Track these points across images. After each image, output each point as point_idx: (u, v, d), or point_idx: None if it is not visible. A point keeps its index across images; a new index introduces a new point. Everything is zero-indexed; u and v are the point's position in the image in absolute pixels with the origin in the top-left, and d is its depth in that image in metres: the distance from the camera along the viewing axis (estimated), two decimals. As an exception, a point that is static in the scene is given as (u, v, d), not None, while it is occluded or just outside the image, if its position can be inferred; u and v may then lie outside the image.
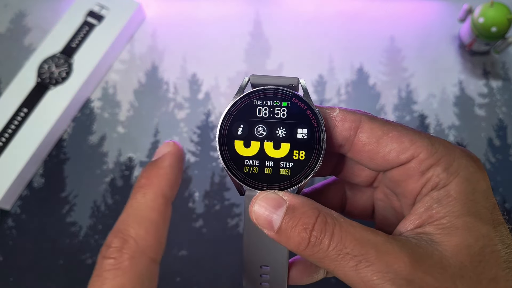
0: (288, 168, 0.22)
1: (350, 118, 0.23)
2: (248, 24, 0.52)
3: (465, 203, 0.21)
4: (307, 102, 0.23)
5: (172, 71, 0.49)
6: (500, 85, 0.48)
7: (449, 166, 0.22)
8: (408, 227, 0.22)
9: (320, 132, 0.22)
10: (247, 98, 0.23)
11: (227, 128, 0.23)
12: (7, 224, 0.43)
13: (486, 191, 0.22)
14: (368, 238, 0.20)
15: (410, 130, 0.23)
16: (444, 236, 0.21)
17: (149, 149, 0.46)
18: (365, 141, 0.23)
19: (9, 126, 0.44)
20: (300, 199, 0.21)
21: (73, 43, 0.48)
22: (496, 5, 0.44)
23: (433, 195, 0.22)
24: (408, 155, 0.22)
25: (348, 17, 0.52)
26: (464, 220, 0.21)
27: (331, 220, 0.21)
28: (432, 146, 0.22)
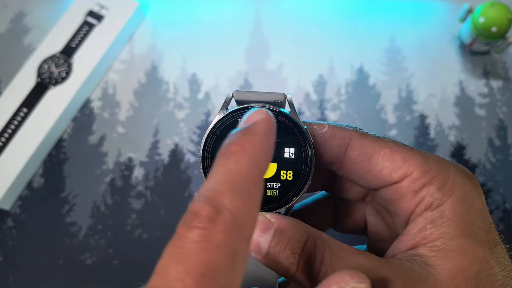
0: (276, 188, 0.21)
1: (340, 135, 0.22)
2: (248, 24, 0.52)
3: (460, 224, 0.20)
4: (294, 120, 0.22)
5: (172, 71, 0.49)
6: (501, 85, 0.48)
7: (443, 185, 0.21)
8: (401, 248, 0.21)
9: (307, 151, 0.21)
10: (230, 116, 0.22)
11: (210, 148, 0.21)
12: (6, 224, 0.43)
13: (482, 211, 0.21)
14: (359, 262, 0.19)
15: (403, 146, 0.22)
16: (438, 259, 0.20)
17: (148, 149, 0.46)
18: (356, 159, 0.22)
19: (8, 126, 0.44)
20: (288, 221, 0.20)
21: (73, 43, 0.48)
22: (496, 5, 0.44)
23: (426, 216, 0.21)
24: (400, 174, 0.21)
25: (348, 17, 0.52)
26: (459, 242, 0.20)
27: (320, 243, 0.20)
28: (426, 164, 0.21)
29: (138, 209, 0.44)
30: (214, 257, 0.14)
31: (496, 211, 0.43)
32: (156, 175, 0.45)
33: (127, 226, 0.43)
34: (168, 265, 0.14)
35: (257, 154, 0.16)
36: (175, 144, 0.46)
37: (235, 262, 0.15)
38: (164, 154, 0.46)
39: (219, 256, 0.14)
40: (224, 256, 0.14)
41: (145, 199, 0.44)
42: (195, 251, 0.14)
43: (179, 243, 0.15)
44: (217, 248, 0.14)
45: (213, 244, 0.14)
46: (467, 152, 0.46)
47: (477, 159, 0.45)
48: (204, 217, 0.15)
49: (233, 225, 0.15)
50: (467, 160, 0.45)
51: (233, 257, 0.15)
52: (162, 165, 0.45)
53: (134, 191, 0.44)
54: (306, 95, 0.48)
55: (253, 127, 0.17)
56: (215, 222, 0.15)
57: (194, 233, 0.14)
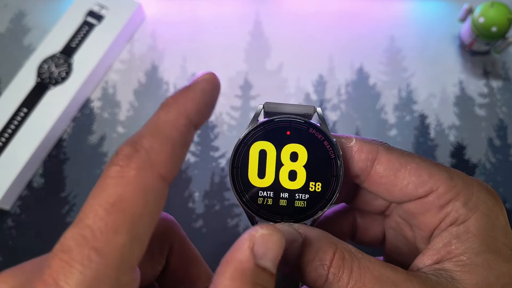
0: (304, 200, 0.22)
1: (367, 148, 0.22)
2: (248, 24, 0.52)
3: (485, 240, 0.21)
4: (324, 132, 0.22)
5: (172, 71, 0.49)
6: (501, 85, 0.48)
7: (468, 201, 0.21)
8: (426, 263, 0.22)
9: (337, 164, 0.22)
10: (262, 127, 0.22)
11: (240, 159, 0.22)
12: (6, 224, 0.43)
13: (505, 227, 0.22)
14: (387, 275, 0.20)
15: (428, 162, 0.22)
16: (464, 274, 0.20)
17: (149, 149, 0.46)
18: (382, 173, 0.22)
19: (8, 126, 0.44)
20: (316, 232, 0.21)
21: (73, 43, 0.48)
22: (496, 5, 0.44)
23: (452, 231, 0.21)
24: (426, 189, 0.22)
25: (348, 17, 0.52)
26: (484, 258, 0.20)
27: (349, 256, 0.20)
28: (451, 180, 0.22)
29: (138, 209, 0.43)
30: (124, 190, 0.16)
31: (496, 211, 0.43)
32: (156, 175, 0.45)
33: (127, 226, 0.43)
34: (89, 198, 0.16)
35: (189, 106, 0.18)
36: (175, 144, 0.46)
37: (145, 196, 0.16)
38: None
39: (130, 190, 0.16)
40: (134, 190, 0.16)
41: (145, 199, 0.44)
42: (109, 185, 0.16)
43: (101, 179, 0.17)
44: (128, 182, 0.16)
45: (125, 179, 0.16)
46: (467, 152, 0.46)
47: (477, 159, 0.45)
48: (122, 155, 0.17)
49: (147, 163, 0.17)
50: (467, 160, 0.45)
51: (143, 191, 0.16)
52: (162, 165, 0.45)
53: (134, 191, 0.44)
54: (306, 95, 0.48)
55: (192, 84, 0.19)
56: (130, 160, 0.16)
57: (112, 170, 0.16)
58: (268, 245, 0.18)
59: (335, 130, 0.47)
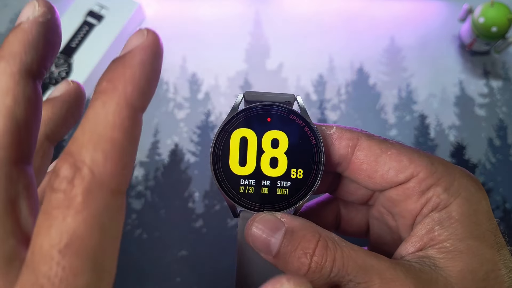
0: (286, 187, 0.21)
1: (347, 135, 0.22)
2: (248, 24, 0.52)
3: (468, 226, 0.21)
4: (305, 118, 0.22)
5: (172, 71, 0.49)
6: (501, 85, 0.48)
7: (449, 186, 0.21)
8: (409, 250, 0.22)
9: (318, 150, 0.22)
10: (242, 114, 0.22)
11: (221, 146, 0.22)
12: (6, 224, 0.43)
13: (488, 213, 0.22)
14: (371, 263, 0.19)
15: (409, 148, 0.22)
16: (448, 261, 0.20)
17: (149, 149, 0.46)
18: (363, 159, 0.22)
19: (8, 126, 0.44)
20: (299, 221, 0.21)
21: (73, 43, 0.48)
22: (497, 5, 0.44)
23: (434, 217, 0.21)
24: (407, 174, 0.22)
25: (348, 17, 0.52)
26: (468, 244, 0.20)
27: (332, 244, 0.20)
28: (432, 165, 0.22)
29: (138, 209, 0.44)
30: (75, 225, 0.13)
31: (496, 211, 0.43)
32: (156, 175, 0.45)
33: (127, 226, 0.43)
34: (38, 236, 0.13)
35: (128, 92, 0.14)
36: (175, 144, 0.46)
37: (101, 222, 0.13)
38: (164, 154, 0.46)
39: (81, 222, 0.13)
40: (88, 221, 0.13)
41: (145, 199, 0.44)
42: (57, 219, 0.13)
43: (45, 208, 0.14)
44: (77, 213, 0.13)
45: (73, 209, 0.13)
46: (467, 152, 0.46)
47: (477, 159, 0.45)
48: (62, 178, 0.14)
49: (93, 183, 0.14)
50: (467, 160, 0.45)
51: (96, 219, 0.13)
52: (162, 165, 0.45)
53: (134, 191, 0.44)
54: (306, 95, 0.48)
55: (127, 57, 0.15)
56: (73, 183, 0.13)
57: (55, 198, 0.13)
58: None
59: (335, 130, 0.47)
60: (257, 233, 0.20)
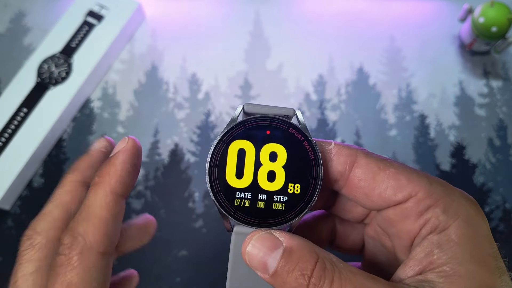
0: (282, 202, 0.21)
1: (346, 152, 0.22)
2: (248, 24, 0.52)
3: (468, 249, 0.20)
4: (304, 133, 0.21)
5: (172, 71, 0.49)
6: (501, 85, 0.48)
7: (448, 208, 0.21)
8: (408, 274, 0.21)
9: (317, 165, 0.21)
10: (241, 125, 0.21)
11: (218, 157, 0.21)
12: (6, 224, 0.43)
13: (489, 236, 0.21)
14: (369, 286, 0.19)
15: (408, 168, 0.22)
16: (447, 285, 0.20)
17: (149, 149, 0.46)
18: (361, 176, 0.22)
19: (8, 126, 0.44)
20: (297, 241, 0.20)
21: (73, 43, 0.48)
22: (497, 5, 0.44)
23: (433, 239, 0.21)
24: (405, 194, 0.21)
25: (348, 17, 0.52)
26: (468, 268, 0.20)
27: (330, 266, 0.20)
28: (430, 185, 0.21)
29: (138, 209, 0.43)
30: (71, 277, 0.20)
31: (496, 211, 0.43)
32: (156, 175, 0.45)
33: (127, 226, 0.43)
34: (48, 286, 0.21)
35: (112, 183, 0.22)
36: (175, 144, 0.46)
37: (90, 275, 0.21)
38: (164, 154, 0.46)
39: (76, 275, 0.20)
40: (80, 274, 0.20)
41: (145, 199, 0.44)
42: (60, 274, 0.20)
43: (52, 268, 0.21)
44: (73, 269, 0.20)
45: (70, 266, 0.20)
46: (467, 152, 0.46)
47: (477, 159, 0.45)
48: (64, 246, 0.21)
49: (85, 248, 0.21)
50: (467, 160, 0.45)
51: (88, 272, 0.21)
52: (162, 165, 0.45)
53: (134, 191, 0.44)
54: (306, 95, 0.48)
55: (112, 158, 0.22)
56: (71, 248, 0.21)
57: (59, 259, 0.21)
58: None
59: (335, 130, 0.47)
60: (254, 252, 0.20)
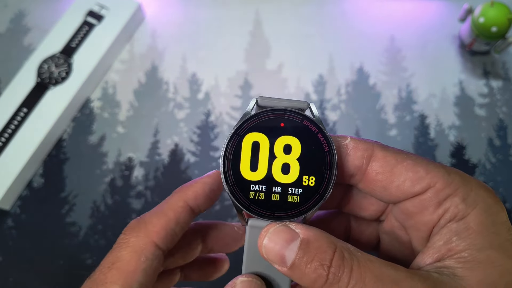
0: (297, 194, 0.21)
1: (362, 146, 0.22)
2: (248, 24, 0.52)
3: (487, 236, 0.20)
4: (319, 125, 0.21)
5: (172, 71, 0.49)
6: (501, 85, 0.48)
7: (467, 197, 0.21)
8: (426, 261, 0.21)
9: (331, 157, 0.21)
10: (255, 118, 0.21)
11: (233, 150, 0.21)
12: (6, 224, 0.43)
13: (507, 223, 0.21)
14: (388, 274, 0.19)
15: (424, 159, 0.22)
16: (466, 270, 0.20)
17: (149, 149, 0.46)
18: (379, 170, 0.22)
19: (8, 126, 0.44)
20: (314, 232, 0.20)
21: (72, 43, 0.48)
22: (496, 5, 0.44)
23: (451, 227, 0.21)
24: (424, 185, 0.21)
25: (348, 17, 0.52)
26: (487, 254, 0.20)
27: (348, 255, 0.20)
28: (449, 175, 0.21)
29: (138, 209, 0.43)
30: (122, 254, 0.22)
31: (496, 211, 0.43)
32: (156, 175, 0.45)
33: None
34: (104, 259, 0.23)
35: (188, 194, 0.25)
36: (175, 144, 0.46)
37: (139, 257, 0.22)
38: (164, 154, 0.46)
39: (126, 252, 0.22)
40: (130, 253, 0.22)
41: (145, 199, 0.44)
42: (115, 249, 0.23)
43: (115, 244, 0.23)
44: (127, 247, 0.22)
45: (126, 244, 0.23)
46: (467, 152, 0.46)
47: (477, 159, 0.45)
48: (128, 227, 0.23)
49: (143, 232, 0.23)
50: (467, 160, 0.45)
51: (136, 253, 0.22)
52: (162, 165, 0.45)
53: (134, 191, 0.44)
54: (306, 95, 0.48)
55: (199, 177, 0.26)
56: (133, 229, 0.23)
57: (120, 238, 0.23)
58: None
59: (335, 130, 0.47)
60: (271, 245, 0.20)
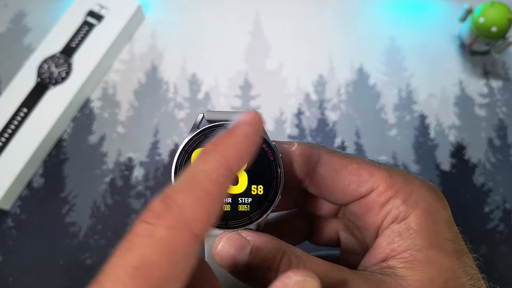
0: (247, 203, 0.22)
1: (309, 152, 0.23)
2: (248, 24, 0.52)
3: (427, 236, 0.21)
4: (263, 136, 0.22)
5: (172, 71, 0.49)
6: (501, 85, 0.48)
7: (408, 198, 0.22)
8: (372, 262, 0.22)
9: (277, 166, 0.22)
10: (202, 134, 0.22)
11: (182, 166, 0.22)
12: (6, 224, 0.43)
13: (448, 221, 0.22)
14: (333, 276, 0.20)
15: (370, 162, 0.23)
16: (407, 270, 0.21)
17: (149, 149, 0.46)
18: (324, 174, 0.23)
19: (8, 126, 0.44)
20: (264, 239, 0.21)
21: (72, 43, 0.48)
22: (497, 5, 0.44)
23: (394, 228, 0.22)
24: (367, 188, 0.22)
25: (348, 17, 0.52)
26: (426, 254, 0.21)
27: (295, 259, 0.21)
28: (391, 177, 0.22)
29: (138, 209, 0.44)
30: (151, 252, 0.14)
31: (496, 211, 0.43)
32: (156, 175, 0.45)
33: (127, 226, 0.43)
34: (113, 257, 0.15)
35: (228, 154, 0.17)
36: (175, 144, 0.46)
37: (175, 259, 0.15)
38: (164, 154, 0.46)
39: (157, 253, 0.14)
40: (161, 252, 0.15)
41: (145, 199, 0.44)
42: (136, 245, 0.15)
43: (128, 236, 0.15)
44: (156, 243, 0.15)
45: (154, 239, 0.15)
46: (467, 152, 0.46)
47: (477, 159, 0.45)
48: (153, 212, 0.15)
49: (179, 222, 0.15)
50: (467, 160, 0.45)
51: (172, 254, 0.15)
52: (162, 165, 0.45)
53: (134, 191, 0.44)
54: (306, 95, 0.48)
55: (234, 127, 0.18)
56: (161, 218, 0.15)
57: (141, 227, 0.15)
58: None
59: (335, 130, 0.47)
60: (224, 252, 0.21)
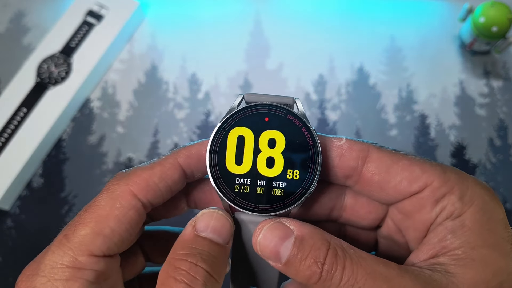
0: (282, 188, 0.21)
1: (358, 147, 0.22)
2: (248, 24, 0.52)
3: (482, 234, 0.20)
4: (303, 119, 0.22)
5: (171, 71, 0.49)
6: (501, 85, 0.48)
7: (463, 195, 0.21)
8: (421, 258, 0.21)
9: (315, 151, 0.21)
10: (240, 113, 0.22)
11: (218, 144, 0.22)
12: (6, 224, 0.43)
13: (504, 220, 0.21)
14: (379, 271, 0.19)
15: (420, 158, 0.22)
16: (459, 268, 0.20)
17: (148, 149, 0.46)
18: (374, 170, 0.22)
19: (8, 126, 0.44)
20: (308, 229, 0.20)
21: (72, 43, 0.48)
22: (497, 5, 0.44)
23: (447, 225, 0.21)
24: (420, 184, 0.21)
25: (348, 17, 0.52)
26: (481, 252, 0.20)
27: (341, 252, 0.20)
28: (445, 174, 0.21)
29: (138, 209, 0.43)
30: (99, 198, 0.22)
31: (497, 211, 0.43)
32: (156, 175, 0.45)
33: (127, 226, 0.43)
34: None
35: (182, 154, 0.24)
36: (175, 144, 0.46)
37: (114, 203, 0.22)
38: (164, 154, 0.46)
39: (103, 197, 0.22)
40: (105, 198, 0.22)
41: (145, 199, 0.44)
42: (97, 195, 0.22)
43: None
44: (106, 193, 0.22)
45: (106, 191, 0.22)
46: (467, 152, 0.46)
47: (477, 159, 0.45)
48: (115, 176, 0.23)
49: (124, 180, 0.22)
50: (468, 160, 0.45)
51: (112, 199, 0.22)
52: (162, 165, 0.45)
53: (134, 191, 0.44)
54: (306, 95, 0.48)
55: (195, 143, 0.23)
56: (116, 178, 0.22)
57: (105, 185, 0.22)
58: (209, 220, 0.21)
59: (335, 130, 0.47)
60: (266, 242, 0.20)
